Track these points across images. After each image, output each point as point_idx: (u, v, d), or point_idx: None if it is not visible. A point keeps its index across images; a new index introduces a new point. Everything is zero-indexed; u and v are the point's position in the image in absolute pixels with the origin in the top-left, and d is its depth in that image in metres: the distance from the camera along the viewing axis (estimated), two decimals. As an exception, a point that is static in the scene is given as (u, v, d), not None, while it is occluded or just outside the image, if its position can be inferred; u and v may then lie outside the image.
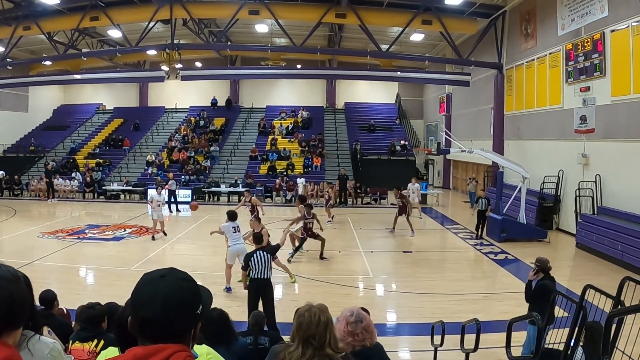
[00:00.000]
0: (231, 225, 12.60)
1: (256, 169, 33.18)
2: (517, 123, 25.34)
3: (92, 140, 38.86)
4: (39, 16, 27.93)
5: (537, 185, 21.23)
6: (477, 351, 6.81)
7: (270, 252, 9.92)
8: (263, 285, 9.62)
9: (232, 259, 12.44)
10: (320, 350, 3.05)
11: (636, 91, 16.15)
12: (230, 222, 12.69)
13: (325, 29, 34.05)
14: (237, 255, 12.30)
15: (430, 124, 42.75)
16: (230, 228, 12.56)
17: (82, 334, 5.12)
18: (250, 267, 9.66)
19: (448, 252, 18.29)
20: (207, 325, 5.14)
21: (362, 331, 3.74)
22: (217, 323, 5.23)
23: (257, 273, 9.61)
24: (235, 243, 12.45)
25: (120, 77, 36.01)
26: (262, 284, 9.62)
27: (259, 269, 9.60)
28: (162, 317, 1.81)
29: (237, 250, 12.36)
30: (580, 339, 5.77)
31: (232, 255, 12.42)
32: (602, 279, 12.69)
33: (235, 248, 12.40)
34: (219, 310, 5.39)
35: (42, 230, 19.94)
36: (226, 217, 13.16)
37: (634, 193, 16.24)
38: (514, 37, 25.51)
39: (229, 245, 12.58)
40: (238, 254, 12.27)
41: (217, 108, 43.03)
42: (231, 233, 12.52)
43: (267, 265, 9.68)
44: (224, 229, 12.64)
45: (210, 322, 5.14)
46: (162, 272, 1.94)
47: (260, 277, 9.60)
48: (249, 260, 9.69)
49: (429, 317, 10.47)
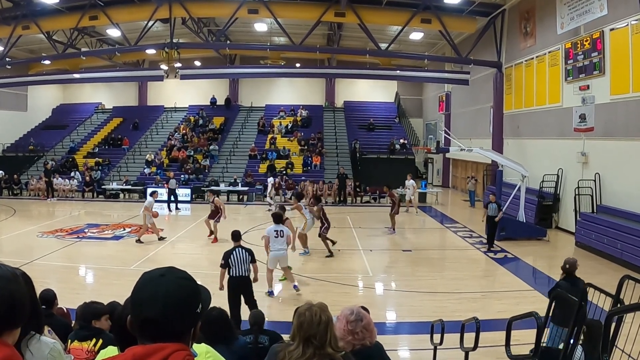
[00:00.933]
0: (274, 228, 12.08)
1: (255, 167, 33.14)
2: (516, 122, 25.35)
3: (92, 140, 38.77)
4: (38, 15, 27.89)
5: (536, 184, 21.23)
6: (476, 350, 6.82)
7: (248, 251, 10.03)
8: (243, 282, 9.82)
9: (273, 263, 12.15)
10: (321, 349, 3.05)
11: (635, 90, 16.16)
12: (273, 225, 12.19)
13: (324, 27, 34.00)
14: (278, 260, 12.09)
15: (429, 123, 42.76)
16: (272, 232, 12.04)
17: (81, 333, 5.11)
18: (230, 265, 9.77)
19: (447, 250, 18.30)
20: (206, 324, 5.14)
21: (361, 330, 3.74)
22: (216, 322, 5.23)
23: (236, 271, 9.76)
24: (278, 249, 12.00)
25: (119, 77, 36.02)
26: (241, 281, 9.79)
27: (238, 266, 9.77)
28: (163, 316, 1.81)
29: (279, 256, 12.05)
30: (580, 337, 5.78)
31: (274, 261, 12.12)
32: (602, 277, 12.67)
33: (276, 254, 12.02)
34: (218, 309, 5.39)
35: (42, 230, 19.93)
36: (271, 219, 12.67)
37: (633, 191, 16.24)
38: (513, 35, 25.51)
39: (270, 249, 12.05)
40: (279, 259, 12.07)
41: (217, 107, 42.95)
42: (273, 237, 12.00)
43: (246, 262, 9.84)
44: (267, 233, 12.11)
45: (210, 321, 5.14)
46: (161, 271, 1.94)
47: (239, 274, 9.77)
48: (229, 258, 9.79)
49: (428, 315, 10.49)
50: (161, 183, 29.92)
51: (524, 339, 7.31)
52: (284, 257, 12.09)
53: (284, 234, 12.10)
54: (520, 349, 6.61)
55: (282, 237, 12.05)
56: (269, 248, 12.06)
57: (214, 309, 5.36)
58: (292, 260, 15.73)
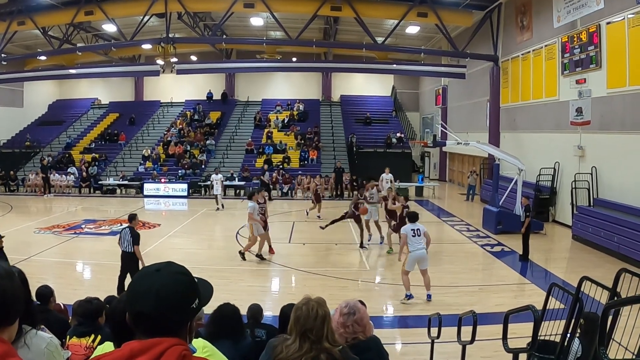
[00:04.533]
0: (411, 227, 11.43)
1: (252, 162, 33.12)
2: (512, 115, 25.36)
3: (88, 135, 38.69)
4: (33, 11, 27.82)
5: (533, 178, 21.27)
6: (473, 343, 6.83)
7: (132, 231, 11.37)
8: (126, 257, 11.26)
9: (411, 265, 11.37)
10: (318, 343, 3.05)
11: (632, 83, 16.17)
12: (410, 224, 11.57)
13: (320, 21, 33.99)
14: (418, 261, 11.34)
15: (426, 117, 42.78)
16: (410, 231, 11.37)
17: (79, 329, 5.11)
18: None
19: (444, 244, 18.29)
20: (218, 318, 5.20)
21: (352, 324, 3.73)
22: (227, 317, 5.25)
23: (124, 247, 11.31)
24: (416, 248, 11.25)
25: (115, 72, 36.01)
26: (125, 256, 11.29)
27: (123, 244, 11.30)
28: (156, 311, 1.81)
29: (419, 256, 11.29)
30: (577, 330, 5.79)
31: (412, 262, 11.34)
32: (599, 270, 12.72)
33: (416, 254, 11.25)
34: (232, 306, 5.40)
35: (39, 226, 19.88)
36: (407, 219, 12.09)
37: (629, 185, 16.27)
38: (509, 29, 25.50)
39: (409, 250, 11.35)
40: (419, 260, 11.33)
41: (213, 102, 42.94)
42: (410, 236, 11.30)
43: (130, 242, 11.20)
44: (405, 231, 11.43)
45: (222, 316, 5.20)
46: (158, 266, 1.94)
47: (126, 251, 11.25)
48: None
49: (425, 309, 10.52)
50: (157, 178, 29.93)
51: (521, 332, 7.32)
52: (424, 257, 11.38)
53: (421, 232, 11.42)
54: (517, 342, 6.61)
55: (419, 235, 11.35)
56: (406, 247, 11.52)
57: (228, 304, 5.39)
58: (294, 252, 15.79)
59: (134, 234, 11.30)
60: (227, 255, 15.59)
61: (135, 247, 11.20)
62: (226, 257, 15.40)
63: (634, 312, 5.12)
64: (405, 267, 11.40)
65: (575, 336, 5.76)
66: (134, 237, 11.26)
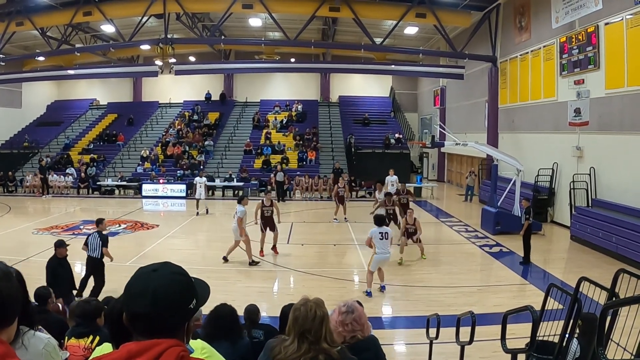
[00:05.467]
0: (379, 230, 11.69)
1: (250, 163, 33.12)
2: (511, 116, 25.37)
3: (86, 136, 38.65)
4: (31, 12, 27.81)
5: (531, 178, 21.28)
6: (472, 344, 6.83)
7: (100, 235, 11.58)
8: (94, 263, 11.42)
9: (375, 266, 11.81)
10: (316, 344, 3.05)
11: (630, 84, 16.19)
12: (378, 227, 11.78)
13: (319, 22, 34.00)
14: (381, 263, 11.83)
15: (424, 117, 42.81)
16: (377, 233, 11.67)
17: (78, 330, 5.11)
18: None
19: (443, 245, 18.31)
20: (214, 318, 5.24)
21: (352, 322, 3.77)
22: (224, 317, 5.29)
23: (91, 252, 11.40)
24: (383, 252, 11.64)
25: (113, 72, 35.99)
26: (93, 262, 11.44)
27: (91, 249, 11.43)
28: (152, 311, 1.79)
29: (384, 259, 11.79)
30: (575, 331, 5.79)
31: (376, 264, 11.78)
32: (597, 271, 12.74)
33: (382, 257, 11.69)
34: (229, 306, 5.44)
35: (37, 227, 19.86)
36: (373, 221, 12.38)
37: (628, 185, 16.28)
38: (508, 30, 25.51)
39: (375, 252, 11.66)
40: (382, 262, 11.82)
41: (211, 102, 42.93)
42: (378, 239, 11.63)
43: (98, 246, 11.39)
44: (372, 234, 11.69)
45: (218, 316, 5.24)
46: (155, 266, 1.92)
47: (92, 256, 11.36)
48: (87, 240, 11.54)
49: (424, 310, 10.51)
50: (156, 179, 29.92)
51: (520, 333, 7.32)
52: (387, 260, 12.02)
53: (388, 235, 11.76)
54: (516, 342, 6.61)
55: (386, 239, 11.71)
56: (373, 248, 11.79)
57: (224, 305, 5.43)
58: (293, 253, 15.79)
59: (102, 238, 11.60)
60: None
61: (105, 250, 11.50)
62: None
63: (632, 313, 5.11)
64: (370, 267, 11.86)
65: (573, 337, 5.76)
66: (103, 240, 11.57)
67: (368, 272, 11.92)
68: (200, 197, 23.32)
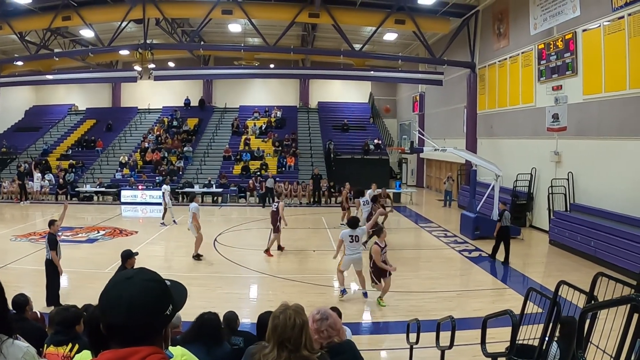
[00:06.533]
0: (349, 233, 12.12)
1: (230, 169, 33.00)
2: (490, 122, 25.54)
3: (65, 142, 38.22)
4: (10, 16, 27.48)
5: (510, 183, 21.41)
6: (452, 348, 6.84)
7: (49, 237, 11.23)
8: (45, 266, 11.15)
9: (347, 266, 12.22)
10: (296, 352, 3.01)
11: (607, 89, 16.39)
12: (349, 229, 12.21)
13: (298, 28, 34.02)
14: (353, 263, 12.15)
15: (403, 123, 42.99)
16: (347, 236, 12.09)
17: (57, 338, 5.01)
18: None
19: (422, 250, 18.37)
20: (196, 324, 5.26)
21: (327, 328, 3.75)
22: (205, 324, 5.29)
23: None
24: (353, 252, 12.09)
25: (92, 78, 35.60)
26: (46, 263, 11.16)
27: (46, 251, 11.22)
28: (128, 321, 1.75)
29: (354, 259, 12.12)
30: (555, 334, 5.80)
31: (348, 263, 12.18)
32: (576, 274, 12.84)
33: (352, 257, 12.09)
34: (214, 314, 5.45)
35: (15, 233, 19.58)
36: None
37: (605, 190, 16.46)
38: (486, 36, 25.71)
39: (345, 253, 12.15)
40: (354, 262, 12.13)
41: (190, 108, 42.69)
42: (348, 242, 12.07)
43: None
44: (342, 237, 12.20)
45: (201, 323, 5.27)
46: (129, 273, 1.88)
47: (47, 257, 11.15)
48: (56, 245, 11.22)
49: (404, 315, 10.52)
50: (135, 185, 29.71)
51: (500, 337, 7.33)
52: (359, 260, 12.18)
53: (359, 238, 12.22)
54: (495, 346, 6.62)
55: (356, 241, 12.17)
56: (341, 250, 12.29)
57: (210, 313, 5.43)
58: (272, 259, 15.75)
59: (50, 239, 11.17)
60: (204, 263, 15.49)
61: (52, 252, 11.08)
62: (204, 264, 15.31)
63: (611, 315, 5.14)
64: (340, 267, 12.24)
65: (553, 340, 5.77)
66: (50, 242, 11.14)
67: (338, 272, 12.28)
68: (169, 205, 22.74)
